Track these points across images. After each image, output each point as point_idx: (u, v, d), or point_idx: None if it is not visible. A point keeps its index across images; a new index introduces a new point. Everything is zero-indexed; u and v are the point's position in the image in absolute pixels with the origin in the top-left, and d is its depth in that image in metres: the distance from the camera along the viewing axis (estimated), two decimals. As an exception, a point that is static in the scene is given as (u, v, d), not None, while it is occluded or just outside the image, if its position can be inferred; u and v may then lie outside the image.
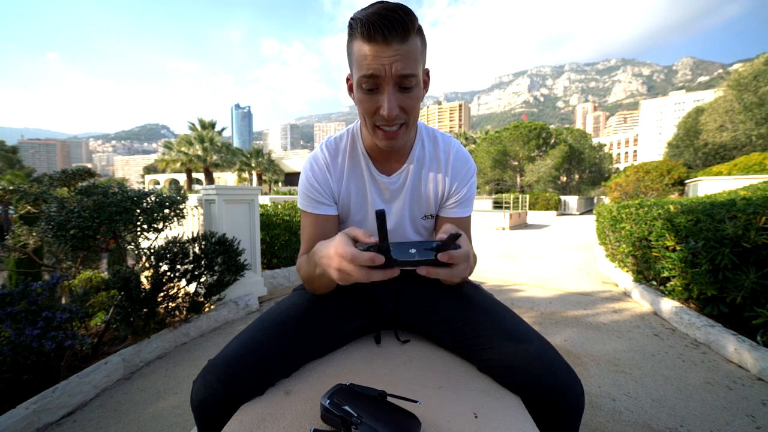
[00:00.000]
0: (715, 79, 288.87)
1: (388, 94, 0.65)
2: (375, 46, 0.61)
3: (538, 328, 2.41)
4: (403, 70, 0.63)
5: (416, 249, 0.52)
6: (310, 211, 0.84)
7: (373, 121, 0.70)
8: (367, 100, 0.67)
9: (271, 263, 3.74)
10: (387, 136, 0.71)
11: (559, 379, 0.66)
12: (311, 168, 0.84)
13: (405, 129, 0.72)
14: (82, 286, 2.25)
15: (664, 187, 11.83)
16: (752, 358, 1.75)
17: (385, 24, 0.60)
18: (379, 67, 0.62)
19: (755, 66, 20.19)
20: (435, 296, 0.87)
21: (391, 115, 0.66)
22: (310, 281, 0.78)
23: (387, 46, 0.61)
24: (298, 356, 0.75)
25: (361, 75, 0.64)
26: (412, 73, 0.64)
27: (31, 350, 1.54)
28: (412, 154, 0.84)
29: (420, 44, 0.66)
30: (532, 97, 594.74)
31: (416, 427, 0.54)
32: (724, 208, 2.20)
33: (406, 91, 0.66)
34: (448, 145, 0.87)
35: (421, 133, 0.86)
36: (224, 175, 38.50)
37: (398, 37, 0.61)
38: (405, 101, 0.67)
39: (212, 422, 0.67)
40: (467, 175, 0.86)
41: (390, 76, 0.63)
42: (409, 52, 0.63)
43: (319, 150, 0.86)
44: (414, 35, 0.63)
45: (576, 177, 32.48)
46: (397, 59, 0.62)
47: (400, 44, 0.62)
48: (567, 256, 5.43)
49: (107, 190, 2.40)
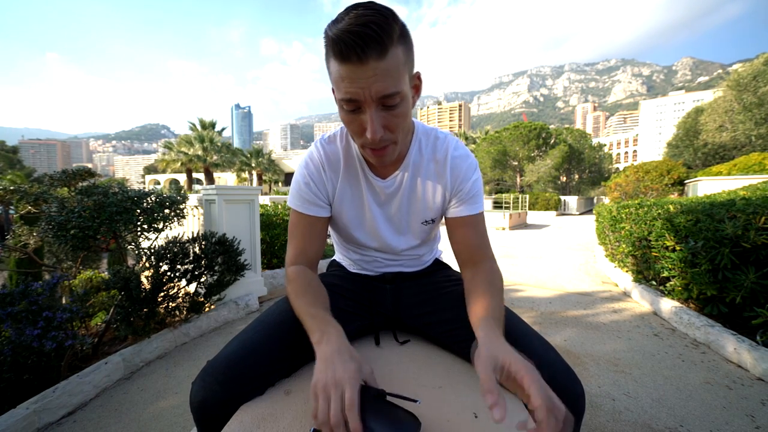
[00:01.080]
0: (715, 80, 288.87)
1: (370, 116, 0.60)
2: (350, 66, 0.56)
3: (538, 328, 2.41)
4: (384, 90, 0.57)
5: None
6: (302, 212, 0.81)
7: (360, 141, 0.66)
8: (350, 121, 0.63)
9: (271, 263, 3.74)
10: (376, 154, 0.67)
11: (558, 380, 0.66)
12: (306, 167, 0.81)
13: (393, 147, 0.68)
14: (82, 286, 2.26)
15: (664, 187, 11.84)
16: (752, 358, 1.75)
17: (358, 42, 0.53)
18: (357, 90, 0.57)
19: (755, 66, 20.20)
20: (434, 297, 0.87)
21: (375, 138, 0.61)
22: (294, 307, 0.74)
23: (364, 65, 0.55)
24: (297, 357, 0.75)
25: (340, 98, 0.60)
26: (395, 91, 0.59)
27: (32, 350, 1.54)
28: (408, 158, 0.80)
29: (403, 54, 0.59)
30: (532, 97, 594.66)
31: (416, 427, 0.53)
32: (723, 208, 2.20)
33: (391, 109, 0.61)
34: (446, 144, 0.82)
35: (417, 135, 0.81)
36: (224, 175, 38.51)
37: (375, 54, 0.54)
38: (390, 120, 0.62)
39: (212, 423, 0.66)
40: (468, 170, 0.81)
41: (370, 99, 0.58)
42: (388, 69, 0.56)
43: (314, 148, 0.82)
44: (394, 47, 0.57)
45: (576, 177, 32.49)
46: (377, 79, 0.56)
47: (377, 61, 0.55)
48: (567, 256, 5.43)
49: (107, 190, 2.40)
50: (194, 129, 28.82)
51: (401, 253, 0.91)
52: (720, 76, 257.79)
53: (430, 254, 0.99)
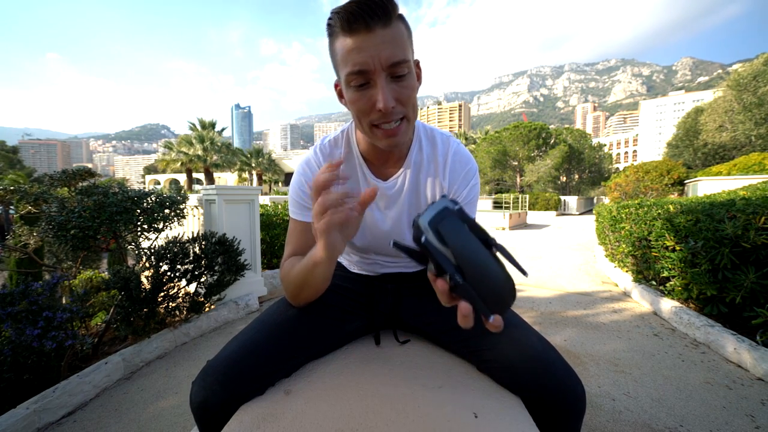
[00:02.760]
0: (715, 80, 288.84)
1: (381, 86, 0.59)
2: (358, 36, 0.57)
3: (538, 328, 2.41)
4: (393, 57, 0.58)
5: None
6: (300, 219, 0.78)
7: (370, 120, 0.64)
8: (359, 98, 0.62)
9: (271, 263, 3.74)
10: (387, 134, 0.64)
11: (559, 381, 0.66)
12: (303, 173, 0.79)
13: (406, 123, 0.66)
14: (82, 286, 2.26)
15: (664, 187, 11.84)
16: (752, 357, 1.75)
17: (365, 10, 0.55)
18: (366, 58, 0.57)
19: (755, 66, 20.22)
20: (434, 296, 0.87)
21: (388, 107, 0.60)
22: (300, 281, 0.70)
23: (371, 33, 0.56)
24: (297, 357, 0.75)
25: (349, 72, 0.59)
26: (404, 59, 0.59)
27: (32, 350, 1.54)
28: (409, 158, 0.78)
29: (405, 30, 0.61)
30: (532, 97, 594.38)
31: (508, 300, 0.43)
32: (723, 208, 2.20)
33: (399, 80, 0.61)
34: (447, 145, 0.81)
35: (419, 134, 0.80)
36: (224, 175, 38.51)
37: (381, 22, 0.56)
38: (400, 91, 0.61)
39: (212, 423, 0.66)
40: (467, 176, 0.80)
41: (380, 67, 0.58)
42: (395, 36, 0.58)
43: (313, 154, 0.81)
44: (397, 20, 0.59)
45: (576, 177, 32.48)
46: (385, 46, 0.57)
47: (384, 29, 0.57)
48: (567, 256, 5.43)
49: (107, 190, 2.40)
50: (194, 129, 28.81)
51: (402, 256, 0.91)
52: (720, 76, 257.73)
53: None
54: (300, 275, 0.68)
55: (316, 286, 0.70)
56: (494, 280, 0.41)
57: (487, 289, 0.41)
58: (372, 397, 0.66)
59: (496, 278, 0.41)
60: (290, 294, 0.75)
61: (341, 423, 0.60)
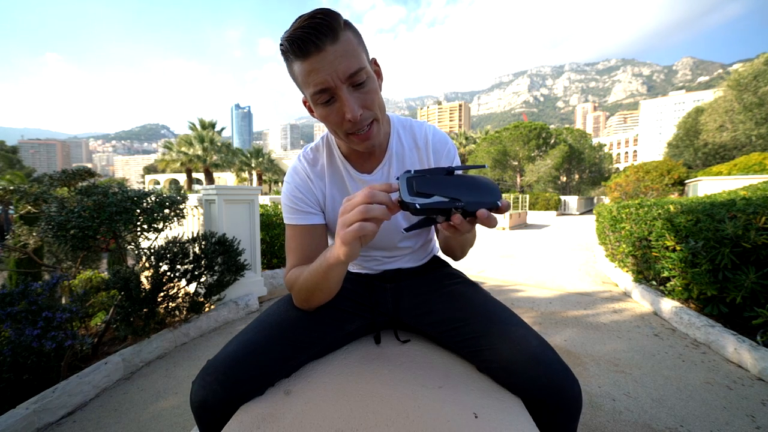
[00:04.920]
0: (715, 79, 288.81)
1: (345, 98, 0.62)
2: (312, 58, 0.60)
3: (538, 328, 2.41)
4: (349, 68, 0.61)
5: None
6: (296, 223, 0.81)
7: (344, 130, 0.67)
8: (328, 113, 0.65)
9: (271, 263, 3.74)
10: (362, 138, 0.69)
11: (556, 380, 0.66)
12: (292, 179, 0.83)
13: (377, 124, 0.70)
14: (82, 286, 2.26)
15: (664, 187, 11.84)
16: (752, 358, 1.75)
17: (311, 33, 0.58)
18: (325, 77, 0.60)
19: (755, 66, 20.21)
20: (434, 296, 0.87)
21: (356, 116, 0.63)
22: (312, 286, 0.72)
23: (323, 52, 0.59)
24: (297, 357, 0.75)
25: (313, 92, 0.63)
26: (359, 67, 0.62)
27: (31, 350, 1.54)
28: (390, 148, 0.82)
29: (354, 37, 0.63)
30: (532, 97, 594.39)
31: (497, 188, 0.54)
32: (724, 208, 2.20)
33: (360, 87, 0.64)
34: (424, 130, 0.85)
35: (395, 126, 0.83)
36: (224, 175, 38.53)
37: (329, 40, 0.59)
38: (364, 98, 0.65)
39: (212, 423, 0.67)
40: (449, 154, 0.85)
41: (339, 81, 0.61)
42: (346, 49, 0.61)
43: (298, 161, 0.85)
44: (344, 31, 0.61)
45: (576, 177, 32.49)
46: (339, 61, 0.60)
47: (334, 45, 0.60)
48: (567, 256, 5.43)
49: (107, 190, 2.40)
50: (194, 129, 28.81)
51: (398, 249, 0.91)
52: (720, 76, 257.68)
53: (427, 248, 0.99)
54: (313, 279, 0.70)
55: (329, 288, 0.72)
56: (474, 181, 0.54)
57: (477, 190, 0.52)
58: (372, 397, 0.66)
59: (473, 178, 0.54)
60: (302, 298, 0.76)
61: (341, 423, 0.59)
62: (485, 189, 0.53)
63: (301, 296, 0.76)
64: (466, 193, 0.51)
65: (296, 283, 0.75)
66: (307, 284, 0.72)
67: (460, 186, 0.52)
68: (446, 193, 0.51)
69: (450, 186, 0.52)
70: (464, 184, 0.53)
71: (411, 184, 0.52)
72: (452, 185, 0.52)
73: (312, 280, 0.70)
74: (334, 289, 0.74)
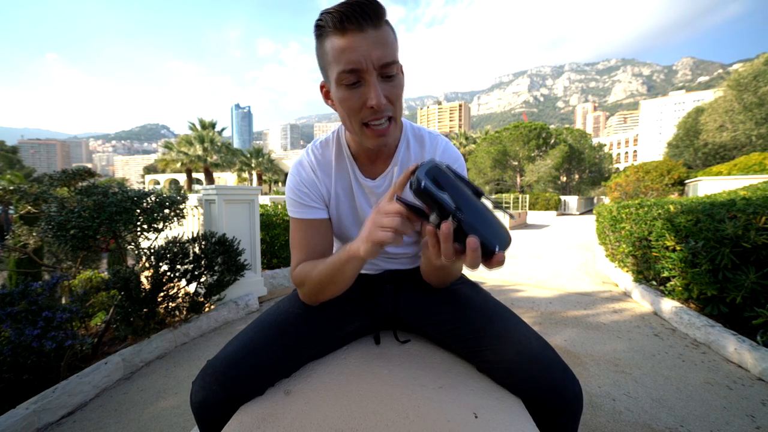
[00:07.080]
0: (715, 79, 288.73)
1: (373, 84, 0.61)
2: (350, 36, 0.58)
3: (538, 328, 2.41)
4: (384, 57, 0.60)
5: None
6: (301, 217, 0.79)
7: (360, 118, 0.65)
8: (350, 97, 0.63)
9: (271, 263, 3.74)
10: (376, 134, 0.66)
11: (556, 380, 0.66)
12: (298, 173, 0.81)
13: (393, 124, 0.68)
14: (82, 286, 2.26)
15: (664, 187, 11.82)
16: (752, 358, 1.75)
17: (357, 11, 0.57)
18: (359, 57, 0.58)
19: (755, 66, 20.20)
20: (434, 297, 0.87)
21: (380, 103, 0.61)
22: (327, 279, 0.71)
23: (363, 33, 0.58)
24: (297, 357, 0.75)
25: (342, 70, 0.60)
26: (394, 60, 0.61)
27: (32, 350, 1.54)
28: (397, 156, 0.79)
29: (393, 34, 0.63)
30: (532, 97, 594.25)
31: (508, 239, 0.48)
32: (724, 208, 2.20)
33: (389, 80, 0.63)
34: (435, 143, 0.82)
35: (406, 133, 0.81)
36: (224, 175, 38.51)
37: (372, 24, 0.58)
38: (390, 90, 0.63)
39: (212, 423, 0.67)
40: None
41: (372, 66, 0.59)
42: (385, 38, 0.60)
43: (305, 155, 0.83)
44: (386, 24, 0.61)
45: (576, 177, 32.47)
46: (376, 47, 0.59)
47: (375, 31, 0.59)
48: (567, 256, 5.43)
49: (107, 190, 2.40)
50: (194, 129, 28.80)
51: (399, 250, 0.90)
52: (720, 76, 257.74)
53: None
54: (328, 272, 0.69)
55: (343, 282, 0.72)
56: (492, 217, 0.49)
57: (487, 223, 0.47)
58: (372, 397, 0.66)
59: (493, 216, 0.49)
60: (312, 292, 0.76)
61: (341, 423, 0.59)
62: (495, 229, 0.47)
63: (313, 290, 0.75)
64: (475, 216, 0.47)
65: (308, 276, 0.75)
66: (321, 277, 0.71)
67: (476, 209, 0.48)
68: (458, 202, 0.48)
69: (466, 201, 0.48)
70: (480, 211, 0.48)
71: (434, 171, 0.49)
72: (468, 202, 0.48)
73: (327, 273, 0.70)
74: (348, 283, 0.73)
